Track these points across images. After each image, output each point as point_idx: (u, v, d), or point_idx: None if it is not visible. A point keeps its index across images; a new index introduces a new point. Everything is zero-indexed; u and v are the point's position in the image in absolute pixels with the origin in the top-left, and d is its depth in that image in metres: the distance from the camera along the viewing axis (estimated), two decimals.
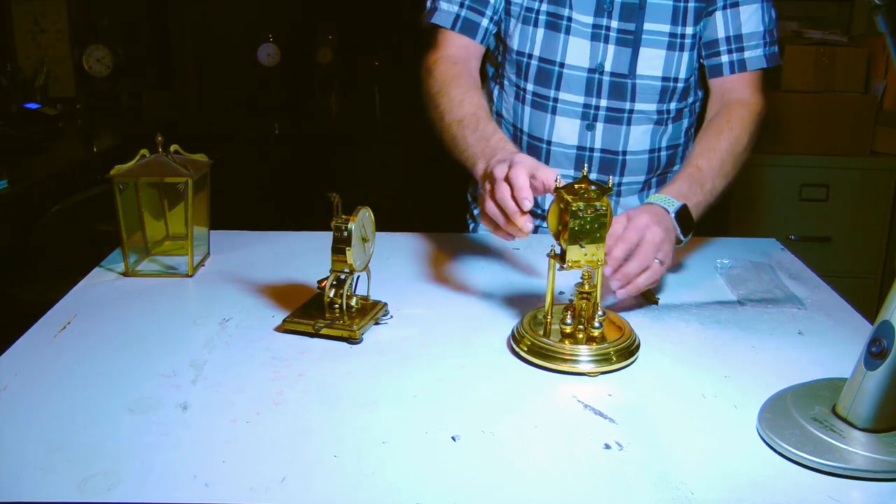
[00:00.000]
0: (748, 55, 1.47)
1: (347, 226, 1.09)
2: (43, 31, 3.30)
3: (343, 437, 0.88)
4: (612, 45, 1.45)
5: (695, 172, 1.34)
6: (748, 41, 1.46)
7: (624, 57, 1.45)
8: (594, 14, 1.44)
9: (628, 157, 1.52)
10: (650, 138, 1.52)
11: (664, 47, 1.45)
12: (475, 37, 1.50)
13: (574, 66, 1.47)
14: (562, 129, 1.51)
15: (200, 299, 1.26)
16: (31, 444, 0.86)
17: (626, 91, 1.47)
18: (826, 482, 0.82)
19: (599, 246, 1.04)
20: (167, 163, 1.30)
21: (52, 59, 3.29)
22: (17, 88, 3.03)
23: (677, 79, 1.48)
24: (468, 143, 1.33)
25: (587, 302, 1.07)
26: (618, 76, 1.46)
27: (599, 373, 1.03)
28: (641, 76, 1.46)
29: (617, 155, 1.52)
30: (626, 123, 1.49)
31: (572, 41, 1.46)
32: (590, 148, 1.51)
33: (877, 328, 0.86)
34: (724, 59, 1.48)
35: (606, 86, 1.47)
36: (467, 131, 1.34)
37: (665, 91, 1.49)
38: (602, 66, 1.46)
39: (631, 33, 1.44)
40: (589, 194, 1.04)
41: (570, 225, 1.02)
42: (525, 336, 1.07)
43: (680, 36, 1.45)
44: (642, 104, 1.49)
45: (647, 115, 1.50)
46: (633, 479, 0.82)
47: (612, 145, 1.51)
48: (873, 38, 2.80)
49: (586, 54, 1.46)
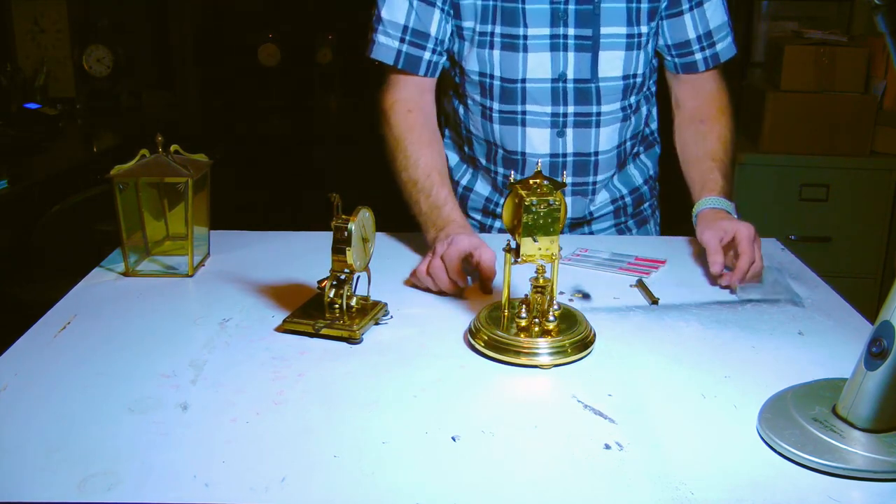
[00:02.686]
0: (719, 48, 1.52)
1: (347, 226, 1.09)
2: (43, 31, 3.30)
3: (343, 437, 0.88)
4: (572, 53, 1.45)
5: (722, 167, 1.45)
6: (717, 35, 1.51)
7: (585, 62, 1.46)
8: (550, 25, 1.44)
9: (600, 157, 1.54)
10: (618, 135, 1.54)
11: (623, 48, 1.46)
12: (418, 71, 1.49)
13: (537, 80, 1.47)
14: (534, 140, 1.51)
15: (200, 299, 1.26)
16: (31, 444, 0.86)
17: (591, 95, 1.48)
18: (826, 482, 0.82)
19: (553, 240, 1.06)
20: (167, 163, 1.30)
21: (52, 59, 3.29)
22: (17, 88, 3.03)
23: (636, 74, 1.50)
24: (421, 208, 1.40)
25: (541, 296, 1.09)
26: (581, 82, 1.47)
27: (552, 366, 1.04)
28: (604, 78, 1.47)
29: (589, 156, 1.53)
30: (596, 126, 1.51)
31: (532, 57, 1.45)
32: (563, 154, 1.52)
33: (877, 328, 0.86)
34: (697, 56, 1.51)
35: (571, 92, 1.48)
36: (421, 196, 1.41)
37: (627, 88, 1.50)
38: (565, 75, 1.46)
39: (589, 38, 1.44)
40: (542, 189, 1.05)
41: (524, 220, 1.04)
42: (481, 330, 1.08)
43: (637, 35, 1.46)
44: (608, 105, 1.50)
45: (613, 115, 1.51)
46: (633, 479, 0.82)
47: (583, 148, 1.52)
48: (873, 38, 2.80)
49: (547, 65, 1.46)
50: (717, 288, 1.31)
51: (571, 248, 1.46)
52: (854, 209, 2.81)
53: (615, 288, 1.31)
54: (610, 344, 1.11)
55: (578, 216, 1.59)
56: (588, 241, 1.52)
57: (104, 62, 3.31)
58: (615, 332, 1.15)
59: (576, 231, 1.62)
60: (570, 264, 1.40)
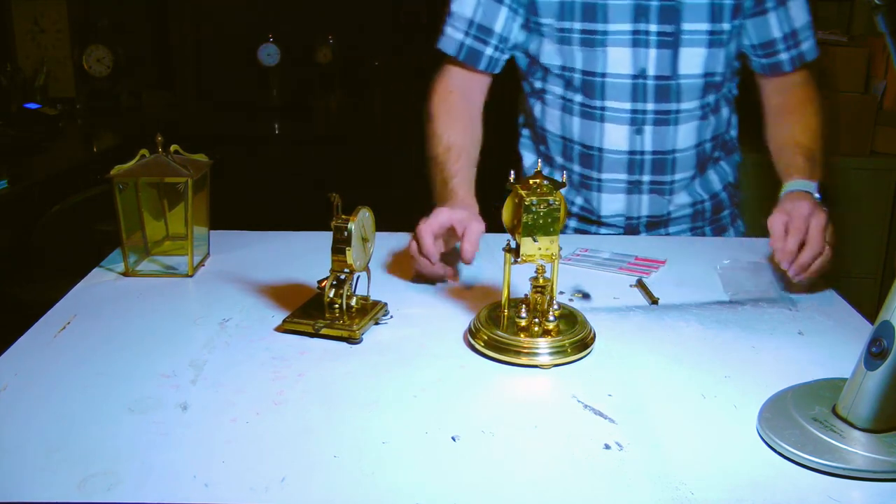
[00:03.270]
0: (804, 48, 1.51)
1: (347, 226, 1.09)
2: (43, 31, 3.30)
3: (343, 437, 0.88)
4: (654, 49, 1.45)
5: (806, 152, 1.42)
6: (802, 34, 1.50)
7: (666, 59, 1.46)
8: (632, 21, 1.44)
9: (678, 156, 1.53)
10: (696, 133, 1.54)
11: (705, 45, 1.46)
12: (478, 65, 1.53)
13: (617, 75, 1.48)
14: (612, 136, 1.52)
15: (200, 299, 1.26)
16: (31, 444, 0.86)
17: (671, 92, 1.48)
18: (826, 482, 0.82)
19: (553, 240, 1.06)
20: (167, 163, 1.30)
21: (52, 59, 3.29)
22: (17, 88, 3.03)
23: (716, 73, 1.49)
24: (434, 183, 1.44)
25: (541, 295, 1.09)
26: (662, 78, 1.47)
27: (552, 366, 1.04)
28: (684, 76, 1.47)
29: (667, 155, 1.53)
30: (674, 124, 1.51)
31: (612, 52, 1.46)
32: (640, 151, 1.52)
33: (877, 328, 0.86)
34: (783, 56, 1.50)
35: (651, 89, 1.48)
36: (437, 171, 1.45)
37: (706, 86, 1.50)
38: (645, 71, 1.47)
39: (671, 35, 1.45)
40: (542, 189, 1.05)
41: (524, 219, 1.04)
42: (481, 330, 1.08)
43: (719, 32, 1.45)
44: (687, 103, 1.50)
45: (691, 113, 1.51)
46: (633, 479, 0.82)
47: (662, 146, 1.52)
48: (873, 38, 2.80)
49: (628, 61, 1.47)
50: (718, 288, 1.31)
51: (571, 248, 1.46)
52: (854, 209, 2.80)
53: (615, 288, 1.31)
54: (610, 344, 1.11)
55: (656, 215, 1.58)
56: (588, 241, 1.52)
57: (104, 62, 3.31)
58: (615, 332, 1.15)
59: (653, 231, 1.61)
60: (570, 264, 1.40)
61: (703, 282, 1.34)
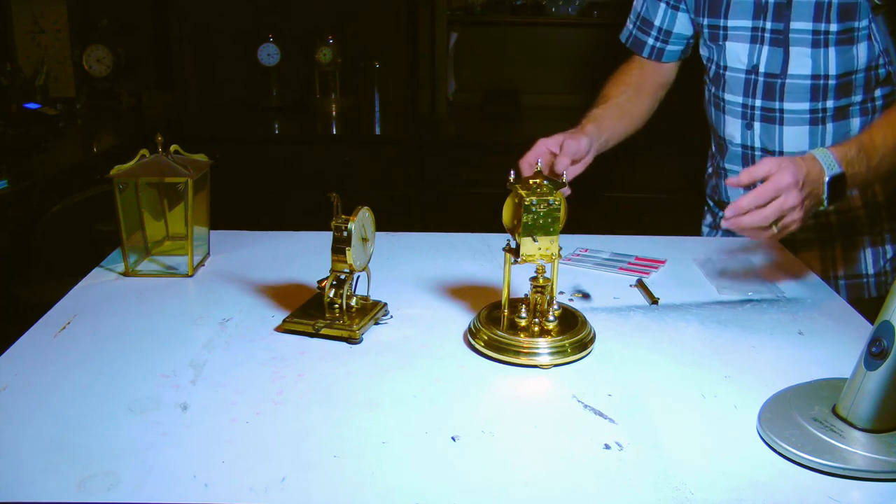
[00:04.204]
0: None
1: (347, 226, 1.09)
2: (43, 31, 3.30)
3: (343, 437, 0.88)
4: (766, 46, 1.48)
5: (867, 142, 1.29)
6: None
7: (776, 57, 1.48)
8: (752, 17, 1.49)
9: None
10: (808, 139, 1.51)
11: (808, 45, 1.44)
12: (642, 52, 1.70)
13: (733, 69, 1.54)
14: (729, 128, 1.58)
15: (200, 299, 1.26)
16: (31, 444, 0.86)
17: (776, 91, 1.49)
18: (826, 482, 0.82)
19: (553, 239, 1.06)
20: (167, 163, 1.30)
21: (52, 59, 3.29)
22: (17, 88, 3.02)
23: (828, 76, 1.46)
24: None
25: (541, 295, 1.09)
26: (770, 76, 1.49)
27: (552, 365, 1.04)
28: (791, 75, 1.47)
29: (774, 154, 1.52)
30: (779, 123, 1.51)
31: (730, 46, 1.53)
32: (751, 146, 1.55)
33: (877, 328, 0.86)
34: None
35: (760, 86, 1.51)
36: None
37: (816, 89, 1.47)
38: (756, 67, 1.50)
39: (781, 33, 1.46)
40: (542, 189, 1.06)
41: (524, 219, 1.04)
42: (481, 330, 1.08)
43: (824, 32, 1.43)
44: (792, 103, 1.49)
45: (798, 115, 1.49)
46: (633, 479, 0.82)
47: (769, 145, 1.53)
48: None
49: (744, 56, 1.52)
50: (718, 288, 1.31)
51: (571, 248, 1.46)
52: None
53: (615, 288, 1.31)
54: (610, 344, 1.11)
55: None
56: (588, 241, 1.52)
57: (104, 62, 3.30)
58: (615, 332, 1.15)
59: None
60: (570, 264, 1.40)
61: (703, 282, 1.34)
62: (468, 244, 1.50)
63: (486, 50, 3.48)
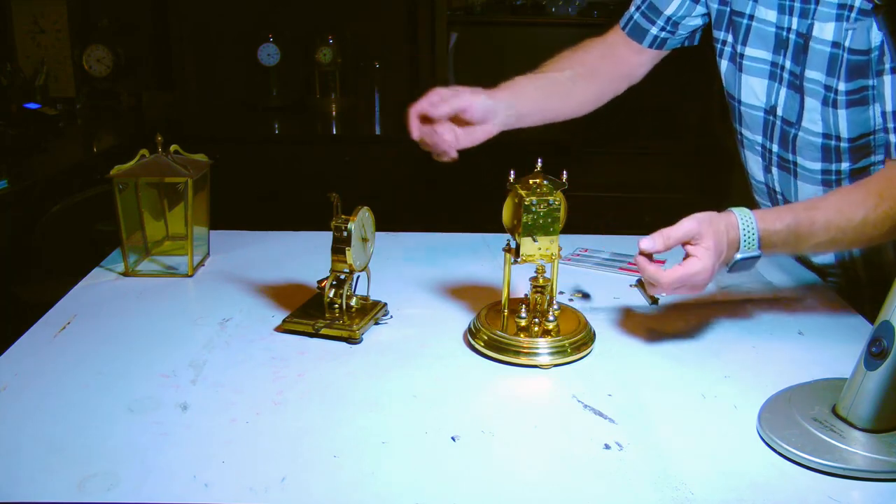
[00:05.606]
0: None
1: (347, 226, 1.09)
2: (43, 31, 3.30)
3: (343, 437, 0.88)
4: (784, 88, 1.28)
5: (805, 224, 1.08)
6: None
7: (793, 103, 1.27)
8: (772, 51, 1.28)
9: None
10: None
11: (818, 99, 1.22)
12: (641, 41, 1.45)
13: (750, 105, 1.34)
14: (751, 163, 1.41)
15: (200, 299, 1.26)
16: (31, 444, 0.86)
17: (789, 142, 1.29)
18: (826, 482, 0.82)
19: (553, 239, 1.06)
20: (167, 163, 1.30)
21: (52, 59, 3.29)
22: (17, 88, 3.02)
23: (840, 137, 1.23)
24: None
25: (541, 295, 1.09)
26: (786, 123, 1.29)
27: (552, 365, 1.04)
28: (805, 129, 1.26)
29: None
30: (794, 176, 1.32)
31: (745, 79, 1.33)
32: (772, 187, 1.39)
33: (877, 328, 0.86)
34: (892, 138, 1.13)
35: (778, 131, 1.31)
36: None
37: (828, 150, 1.25)
38: (775, 108, 1.30)
39: (798, 77, 1.25)
40: (542, 189, 1.05)
41: (524, 219, 1.04)
42: (481, 330, 1.08)
43: (833, 90, 1.20)
44: (805, 160, 1.29)
45: (811, 174, 1.29)
46: (633, 479, 0.82)
47: (786, 192, 1.35)
48: None
49: (762, 93, 1.31)
50: (718, 288, 1.31)
51: (571, 248, 1.46)
52: None
53: (615, 288, 1.31)
54: (610, 344, 1.11)
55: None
56: (588, 241, 1.52)
57: (104, 62, 3.30)
58: (615, 332, 1.15)
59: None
60: (570, 264, 1.40)
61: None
62: (468, 244, 1.50)
63: (486, 50, 3.48)
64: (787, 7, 1.24)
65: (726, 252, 1.06)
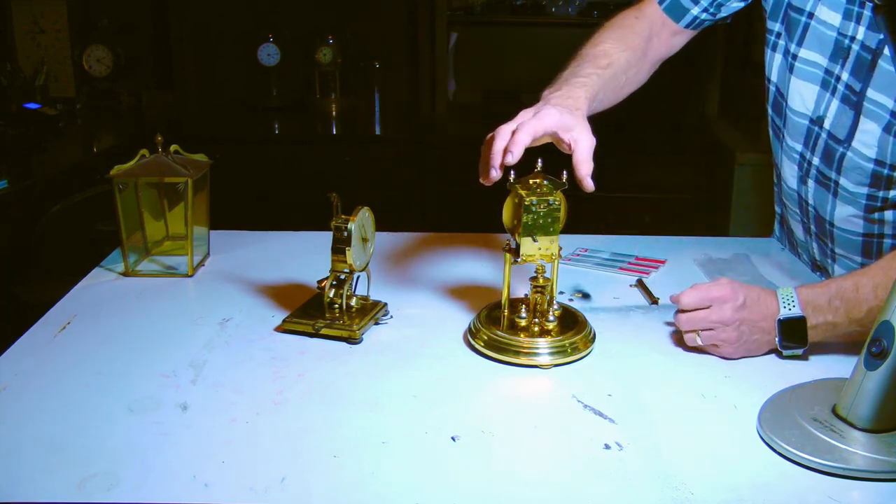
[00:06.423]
0: None
1: (347, 226, 1.09)
2: (43, 31, 3.30)
3: (343, 437, 0.88)
4: (837, 101, 1.18)
5: (849, 293, 1.03)
6: None
7: (845, 118, 1.16)
8: (829, 57, 1.18)
9: (836, 231, 1.26)
10: (862, 226, 1.23)
11: (880, 123, 1.12)
12: (679, 21, 1.34)
13: (795, 111, 1.25)
14: (785, 169, 1.33)
15: (200, 299, 1.26)
16: (31, 444, 0.86)
17: (834, 159, 1.20)
18: (826, 482, 0.82)
19: (553, 239, 1.06)
20: (167, 163, 1.30)
21: (52, 59, 3.29)
22: (17, 88, 3.02)
23: (894, 166, 1.14)
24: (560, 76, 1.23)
25: (541, 295, 1.09)
26: (833, 138, 1.19)
27: (552, 365, 1.04)
28: (854, 150, 1.16)
29: (825, 222, 1.28)
30: (833, 195, 1.23)
31: (794, 81, 1.23)
32: (805, 199, 1.30)
33: (877, 328, 0.86)
34: None
35: (822, 144, 1.21)
36: (570, 65, 1.25)
37: (878, 177, 1.16)
38: (822, 119, 1.20)
39: (857, 93, 1.14)
40: (542, 189, 1.05)
41: (524, 219, 1.04)
42: (481, 330, 1.09)
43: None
44: (848, 182, 1.19)
45: (852, 196, 1.20)
46: (633, 479, 0.82)
47: (821, 209, 1.27)
48: None
49: (811, 100, 1.22)
50: None
51: (571, 248, 1.46)
52: None
53: (615, 288, 1.31)
54: (610, 344, 1.11)
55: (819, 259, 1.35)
56: (588, 241, 1.52)
57: (104, 62, 3.30)
58: (615, 332, 1.15)
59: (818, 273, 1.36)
60: (570, 264, 1.40)
61: (703, 282, 1.34)
62: (468, 244, 1.50)
63: (486, 50, 3.48)
64: (856, 14, 1.14)
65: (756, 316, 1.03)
